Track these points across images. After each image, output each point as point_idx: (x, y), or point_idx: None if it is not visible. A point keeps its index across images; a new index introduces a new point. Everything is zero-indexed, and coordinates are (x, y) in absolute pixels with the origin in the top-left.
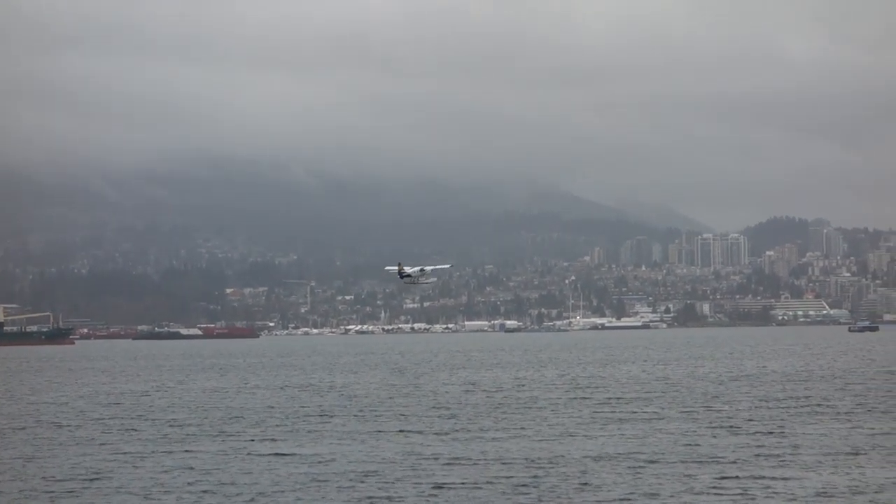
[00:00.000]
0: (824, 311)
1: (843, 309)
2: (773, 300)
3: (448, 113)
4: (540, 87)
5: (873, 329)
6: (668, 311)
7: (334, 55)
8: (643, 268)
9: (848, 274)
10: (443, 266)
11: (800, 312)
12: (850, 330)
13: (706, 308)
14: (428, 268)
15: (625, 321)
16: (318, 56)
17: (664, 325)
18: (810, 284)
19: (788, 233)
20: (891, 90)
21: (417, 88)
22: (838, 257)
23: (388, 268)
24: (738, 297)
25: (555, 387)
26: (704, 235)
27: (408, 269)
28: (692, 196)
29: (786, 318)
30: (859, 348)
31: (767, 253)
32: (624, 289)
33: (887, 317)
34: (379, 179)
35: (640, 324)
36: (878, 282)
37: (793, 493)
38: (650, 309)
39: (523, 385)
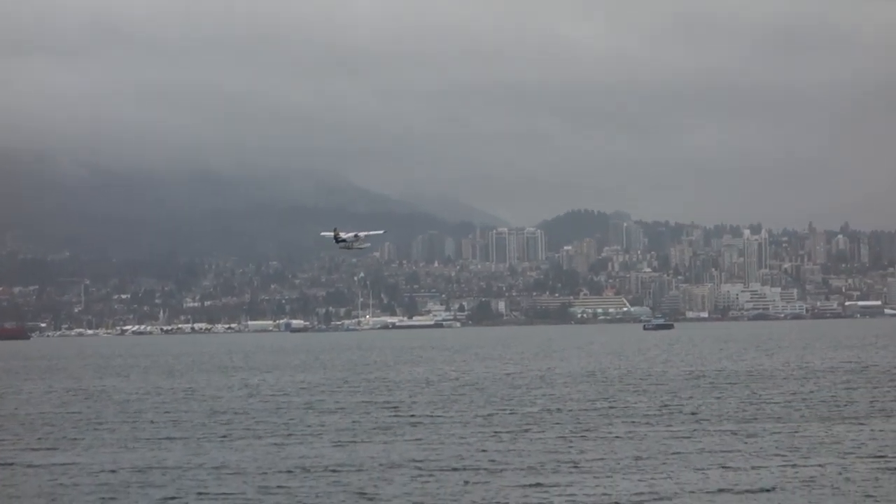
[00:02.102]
0: (625, 309)
1: (644, 306)
2: (571, 297)
3: (221, 100)
4: (318, 74)
5: (668, 327)
6: (462, 308)
7: (98, 40)
8: (436, 264)
9: (649, 269)
10: (376, 232)
11: (599, 310)
12: (644, 328)
13: (502, 306)
14: (362, 233)
15: (417, 320)
16: (82, 41)
17: (458, 324)
18: (610, 280)
19: (587, 227)
20: (675, 81)
21: (188, 75)
22: (639, 252)
23: (323, 233)
24: (535, 294)
25: (337, 389)
26: (499, 230)
27: (342, 235)
28: (485, 189)
29: (585, 315)
30: (637, 348)
31: (565, 248)
32: (416, 286)
33: (690, 313)
34: (152, 171)
35: (433, 322)
36: (679, 277)
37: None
38: (443, 307)
39: (304, 388)
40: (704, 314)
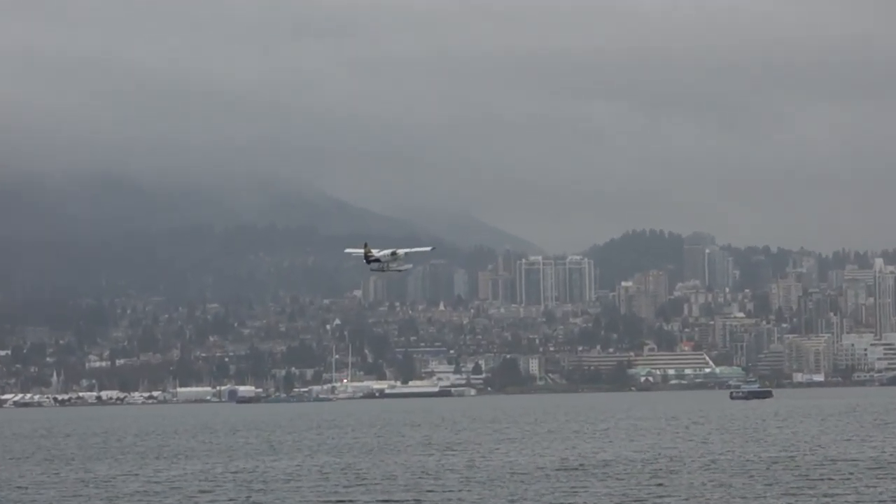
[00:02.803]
0: (707, 369)
1: (734, 366)
2: (632, 353)
3: (137, 82)
4: (273, 43)
5: (764, 395)
6: (478, 369)
7: None
8: (441, 307)
9: (741, 314)
10: (422, 249)
11: (671, 371)
12: (731, 397)
13: (534, 365)
14: (401, 251)
15: (415, 385)
16: None
17: (473, 391)
18: (686, 330)
19: (654, 255)
20: (780, 52)
21: (87, 46)
22: (727, 290)
23: (348, 250)
24: (580, 349)
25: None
26: (531, 259)
27: (376, 252)
28: (510, 202)
29: (651, 378)
30: (710, 427)
31: (623, 284)
32: (413, 338)
33: (799, 375)
34: (42, 178)
35: (437, 389)
36: (784, 325)
37: None
38: (452, 367)
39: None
40: (819, 377)
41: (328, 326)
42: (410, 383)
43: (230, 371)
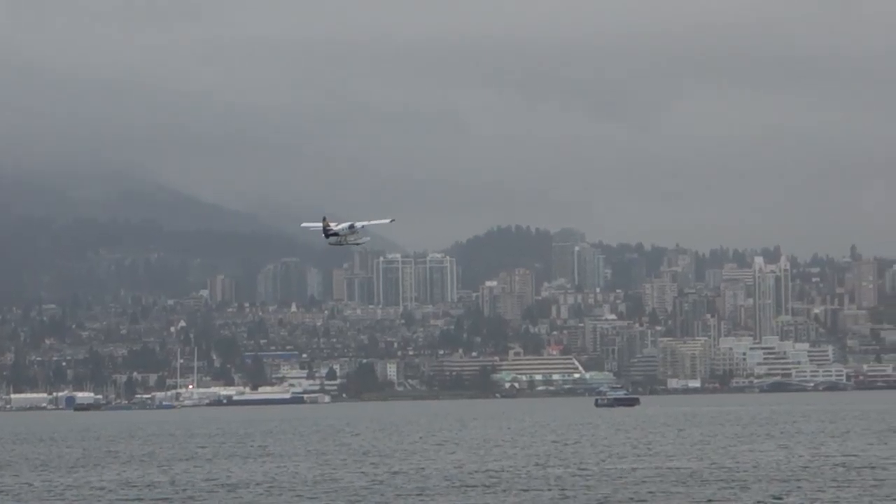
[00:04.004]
0: (576, 375)
1: (605, 371)
2: (496, 358)
3: None
4: (109, 19)
5: (631, 402)
6: (332, 375)
7: None
8: (294, 308)
9: (613, 316)
10: (381, 221)
11: (538, 377)
12: (597, 404)
13: (393, 370)
14: (359, 223)
15: (265, 392)
16: None
17: (328, 398)
18: (554, 333)
19: (520, 252)
20: (659, 37)
21: None
22: (598, 289)
23: (305, 224)
24: (442, 353)
25: None
26: (389, 256)
27: (334, 226)
28: (367, 196)
29: (517, 385)
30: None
31: (488, 283)
32: (263, 341)
33: (674, 381)
34: None
35: (289, 395)
36: (659, 328)
37: None
38: (304, 372)
39: None
40: (695, 382)
41: (172, 329)
42: (260, 389)
43: (67, 376)
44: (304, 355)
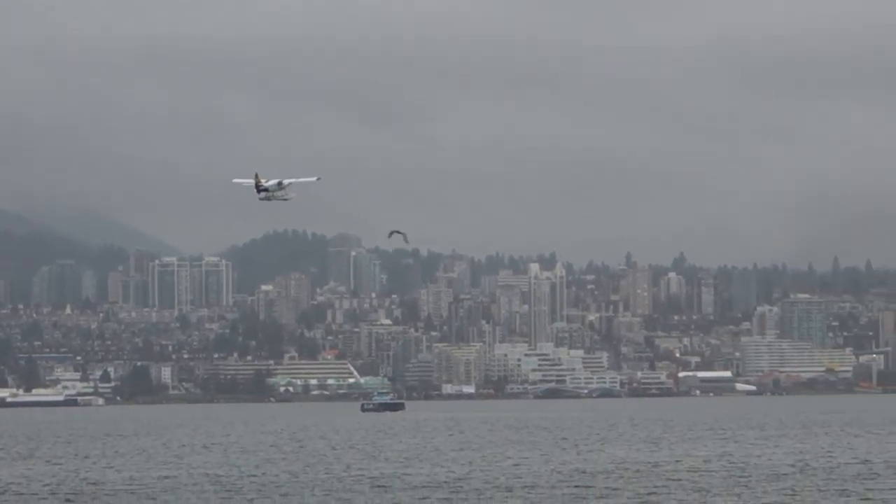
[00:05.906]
0: (351, 380)
1: (380, 376)
2: (271, 362)
3: None
4: None
5: (396, 407)
6: (106, 377)
7: None
8: (68, 310)
9: (388, 321)
10: (308, 179)
11: (313, 381)
12: (363, 409)
13: (166, 373)
14: (286, 180)
15: (38, 394)
16: None
17: (101, 401)
18: (330, 338)
19: (295, 256)
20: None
21: None
22: (373, 295)
23: (236, 180)
24: (217, 356)
25: None
26: (164, 260)
27: (265, 182)
28: (141, 198)
29: (292, 389)
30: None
31: (263, 287)
32: (37, 343)
33: (448, 387)
34: None
35: (62, 398)
36: (434, 334)
37: None
38: (78, 375)
39: None
40: (470, 388)
41: None
42: (34, 391)
43: None
44: (79, 358)
